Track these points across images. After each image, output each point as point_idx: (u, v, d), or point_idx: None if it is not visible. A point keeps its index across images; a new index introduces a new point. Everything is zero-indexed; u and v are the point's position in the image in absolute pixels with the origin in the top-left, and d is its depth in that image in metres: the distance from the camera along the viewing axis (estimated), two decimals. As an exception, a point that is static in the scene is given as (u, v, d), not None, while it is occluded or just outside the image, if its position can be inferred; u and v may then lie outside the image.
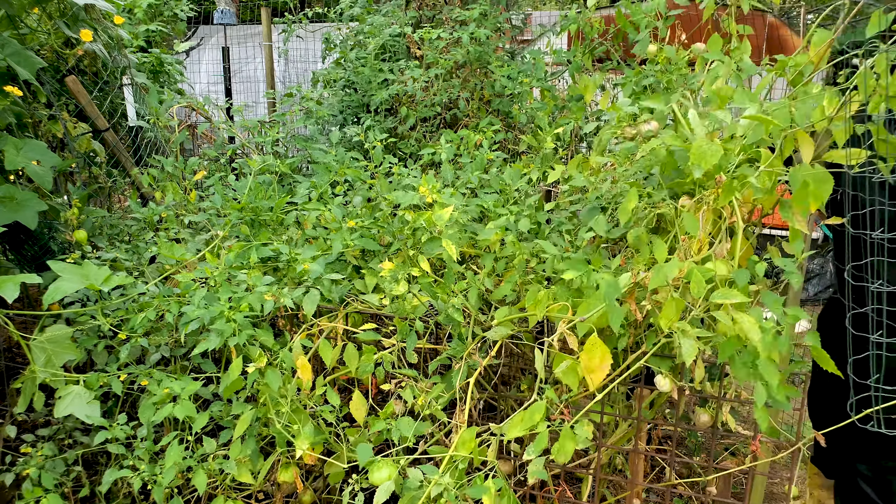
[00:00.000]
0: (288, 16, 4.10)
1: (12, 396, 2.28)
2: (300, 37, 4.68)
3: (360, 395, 1.91)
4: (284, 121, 3.34)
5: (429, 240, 1.95)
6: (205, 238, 2.33)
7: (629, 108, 1.89)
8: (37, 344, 1.86)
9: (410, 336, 1.84)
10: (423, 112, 3.05)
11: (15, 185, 2.19)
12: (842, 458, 2.20)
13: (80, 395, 1.83)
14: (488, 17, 3.07)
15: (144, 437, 1.86)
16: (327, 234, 2.11)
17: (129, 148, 3.02)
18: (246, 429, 1.77)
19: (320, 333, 1.96)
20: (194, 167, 2.68)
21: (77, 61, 2.77)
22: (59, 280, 1.75)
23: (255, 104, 7.19)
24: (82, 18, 2.65)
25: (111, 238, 2.52)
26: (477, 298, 1.91)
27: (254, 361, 1.71)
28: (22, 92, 2.26)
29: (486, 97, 3.17)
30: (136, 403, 2.07)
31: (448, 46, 3.09)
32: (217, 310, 1.73)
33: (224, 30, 8.34)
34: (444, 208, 1.95)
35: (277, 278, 1.99)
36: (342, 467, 1.84)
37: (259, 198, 2.29)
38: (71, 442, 2.14)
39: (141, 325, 1.88)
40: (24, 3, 2.36)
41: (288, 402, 1.78)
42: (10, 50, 2.16)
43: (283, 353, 1.78)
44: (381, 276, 1.97)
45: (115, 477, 1.79)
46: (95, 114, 2.77)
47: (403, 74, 3.14)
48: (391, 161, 2.50)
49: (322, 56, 3.91)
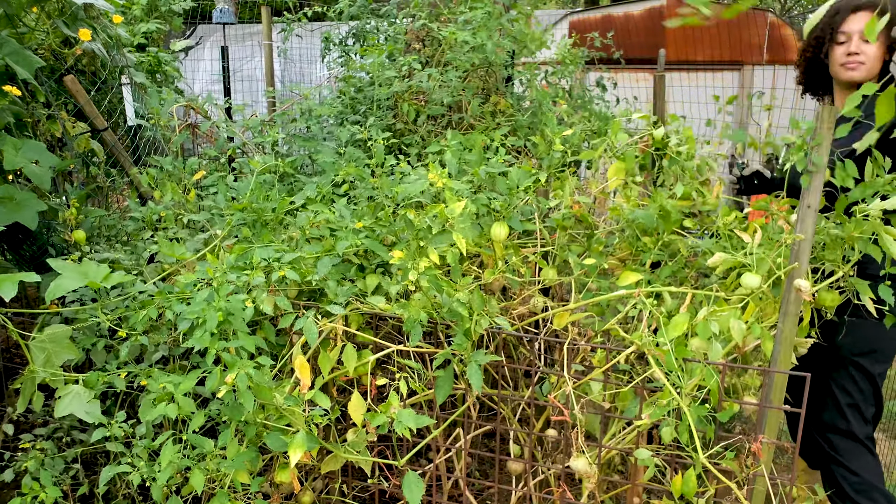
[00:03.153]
0: (287, 15, 4.09)
1: (11, 396, 2.27)
2: (299, 36, 4.67)
3: (358, 396, 1.90)
4: (285, 120, 3.33)
5: (439, 232, 1.94)
6: (203, 237, 2.32)
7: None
8: (36, 343, 1.85)
9: (415, 329, 1.83)
10: (433, 110, 3.04)
11: (14, 184, 2.19)
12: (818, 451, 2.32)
13: (80, 395, 1.83)
14: (492, 18, 3.06)
15: (143, 435, 1.85)
16: (331, 234, 2.10)
17: (127, 147, 3.01)
18: (235, 433, 1.76)
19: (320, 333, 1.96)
20: (194, 167, 2.68)
21: (76, 60, 2.76)
22: (60, 278, 1.75)
23: (254, 103, 7.18)
24: (81, 17, 2.64)
25: (109, 238, 2.51)
26: (480, 297, 1.90)
27: (230, 372, 1.67)
28: (20, 91, 2.25)
29: (503, 106, 3.15)
30: (136, 402, 2.07)
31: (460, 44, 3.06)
32: (192, 312, 1.70)
33: (223, 29, 8.33)
34: (456, 198, 1.94)
35: (279, 279, 1.98)
36: (335, 468, 1.84)
37: (260, 198, 2.28)
38: (69, 441, 2.14)
39: (141, 323, 1.87)
40: (22, 2, 2.36)
41: (280, 407, 1.76)
42: (8, 49, 2.15)
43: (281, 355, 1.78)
44: (385, 280, 1.96)
45: (112, 473, 1.78)
46: (94, 113, 2.76)
47: (412, 74, 3.11)
48: (396, 159, 2.49)
49: (321, 55, 3.90)
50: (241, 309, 1.73)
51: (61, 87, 2.69)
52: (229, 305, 1.72)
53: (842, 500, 2.21)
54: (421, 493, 1.77)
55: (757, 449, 1.69)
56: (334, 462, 1.94)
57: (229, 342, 1.70)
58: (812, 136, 1.69)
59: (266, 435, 1.77)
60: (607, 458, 2.17)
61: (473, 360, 1.82)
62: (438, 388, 1.89)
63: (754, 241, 1.85)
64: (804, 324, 1.88)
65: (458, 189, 2.04)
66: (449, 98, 3.00)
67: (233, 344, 1.70)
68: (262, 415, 1.78)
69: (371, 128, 2.79)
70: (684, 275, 2.10)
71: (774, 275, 1.80)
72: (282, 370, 1.96)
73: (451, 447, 2.22)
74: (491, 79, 3.30)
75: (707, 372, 1.67)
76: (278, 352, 2.00)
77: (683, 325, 1.70)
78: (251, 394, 1.67)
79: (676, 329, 1.70)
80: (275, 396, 1.76)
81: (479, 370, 1.82)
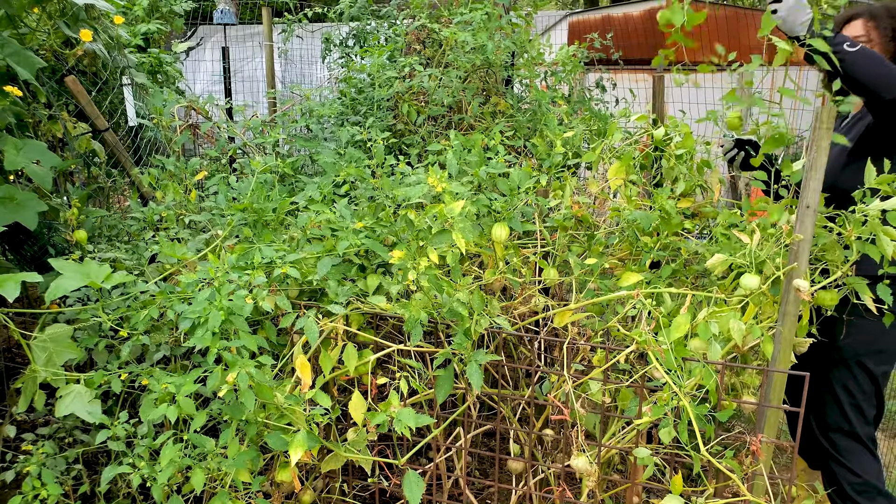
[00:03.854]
0: (288, 16, 4.10)
1: (12, 396, 2.28)
2: (300, 37, 4.69)
3: (359, 396, 1.91)
4: (286, 121, 3.34)
5: (438, 232, 1.94)
6: (204, 238, 2.33)
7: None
8: (37, 343, 1.86)
9: (416, 329, 1.84)
10: (433, 111, 3.04)
11: (15, 185, 2.20)
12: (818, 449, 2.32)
13: (81, 394, 1.83)
14: (491, 19, 3.06)
15: (144, 434, 1.86)
16: (332, 234, 2.11)
17: (128, 148, 3.02)
18: (236, 433, 1.77)
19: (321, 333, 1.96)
20: (195, 167, 2.68)
21: (77, 61, 2.77)
22: (61, 278, 1.75)
23: (255, 104, 7.19)
24: (82, 18, 2.65)
25: (110, 238, 2.52)
26: (480, 297, 1.91)
27: (231, 371, 1.67)
28: (22, 92, 2.26)
29: (503, 106, 3.15)
30: (137, 402, 2.07)
31: (460, 45, 3.06)
32: (193, 312, 1.70)
33: (224, 29, 8.34)
34: (456, 201, 1.95)
35: (280, 278, 1.98)
36: (336, 467, 1.85)
37: (261, 198, 2.29)
38: (71, 441, 2.14)
39: (142, 323, 1.88)
40: (23, 2, 2.36)
41: (281, 406, 1.77)
42: (9, 50, 2.16)
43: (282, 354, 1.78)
44: (386, 279, 1.97)
45: (114, 473, 1.79)
46: (95, 114, 2.77)
47: (413, 75, 3.11)
48: (396, 159, 2.49)
49: (322, 56, 3.91)
50: (241, 307, 1.73)
51: (62, 88, 2.70)
52: (231, 305, 1.72)
53: (842, 500, 2.22)
54: (421, 492, 1.77)
55: (756, 448, 1.69)
56: (335, 461, 1.95)
57: (230, 342, 1.70)
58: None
59: (267, 434, 1.78)
60: (607, 458, 2.17)
61: (473, 360, 1.83)
62: (439, 387, 1.89)
63: (753, 241, 1.86)
64: (803, 322, 1.88)
65: (458, 192, 2.05)
66: (449, 99, 3.01)
67: (234, 343, 1.71)
68: (262, 414, 1.79)
69: (371, 128, 2.80)
70: (683, 273, 2.10)
71: (774, 275, 1.80)
72: (283, 369, 1.96)
73: (451, 446, 2.22)
74: (491, 79, 3.30)
75: (706, 371, 1.67)
76: (279, 351, 2.01)
77: (685, 327, 1.71)
78: (252, 393, 1.67)
79: (678, 330, 1.71)
80: (276, 396, 1.76)
81: (479, 369, 1.82)
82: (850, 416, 2.19)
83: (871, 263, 1.92)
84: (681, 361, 1.69)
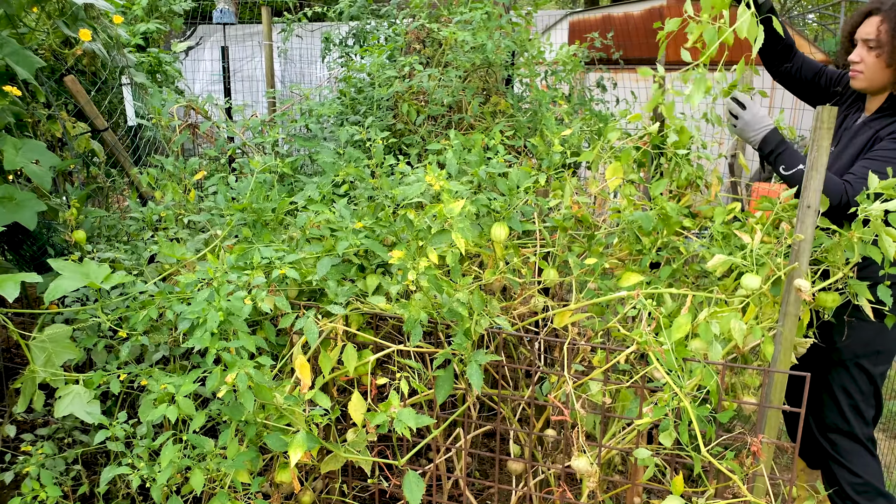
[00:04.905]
0: (287, 15, 4.10)
1: (11, 396, 2.28)
2: (299, 36, 4.68)
3: (358, 396, 1.91)
4: (285, 120, 3.34)
5: (438, 232, 1.94)
6: (203, 238, 2.32)
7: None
8: (36, 343, 1.85)
9: (416, 329, 1.84)
10: (433, 110, 3.04)
11: (14, 185, 2.19)
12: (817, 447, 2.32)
13: (80, 395, 1.83)
14: (491, 18, 3.06)
15: (144, 435, 1.85)
16: (331, 234, 2.10)
17: (128, 148, 3.01)
18: (235, 433, 1.76)
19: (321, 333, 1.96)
20: (194, 167, 2.68)
21: (76, 61, 2.76)
22: (60, 278, 1.75)
23: (254, 103, 7.19)
24: (81, 18, 2.64)
25: (109, 238, 2.51)
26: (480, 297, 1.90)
27: (230, 371, 1.67)
28: (21, 91, 2.25)
29: (503, 106, 3.15)
30: (136, 402, 2.07)
31: (460, 45, 3.06)
32: (192, 312, 1.70)
33: (223, 29, 8.33)
34: (455, 200, 1.95)
35: (279, 278, 1.98)
36: (335, 468, 1.84)
37: (260, 198, 2.29)
38: (70, 441, 2.14)
39: (142, 323, 1.87)
40: (22, 2, 2.36)
41: (280, 406, 1.76)
42: (8, 49, 2.15)
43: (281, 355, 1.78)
44: (386, 280, 1.96)
45: (113, 474, 1.78)
46: (94, 113, 2.76)
47: (413, 74, 3.11)
48: (396, 159, 2.49)
49: (322, 55, 3.91)
50: (240, 307, 1.73)
51: (62, 88, 2.69)
52: (230, 305, 1.72)
53: (842, 501, 2.22)
54: (421, 492, 1.77)
55: (757, 449, 1.69)
56: (334, 462, 1.94)
57: (230, 342, 1.70)
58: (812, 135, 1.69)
59: (266, 435, 1.77)
60: (607, 458, 2.17)
61: (473, 360, 1.83)
62: (439, 387, 1.89)
63: (754, 241, 1.85)
64: (803, 323, 1.88)
65: (457, 191, 2.04)
66: (449, 98, 3.00)
67: (233, 344, 1.70)
68: (262, 415, 1.78)
69: (371, 128, 2.79)
70: (684, 273, 2.10)
71: (775, 275, 1.80)
72: (282, 370, 1.96)
73: (451, 447, 2.22)
74: (491, 79, 3.30)
75: (707, 372, 1.67)
76: (279, 352, 2.00)
77: (686, 327, 1.71)
78: (251, 393, 1.67)
79: (679, 331, 1.70)
80: (275, 396, 1.76)
81: (479, 370, 1.82)
82: (848, 417, 2.20)
83: (873, 268, 1.91)
84: (681, 362, 1.69)
